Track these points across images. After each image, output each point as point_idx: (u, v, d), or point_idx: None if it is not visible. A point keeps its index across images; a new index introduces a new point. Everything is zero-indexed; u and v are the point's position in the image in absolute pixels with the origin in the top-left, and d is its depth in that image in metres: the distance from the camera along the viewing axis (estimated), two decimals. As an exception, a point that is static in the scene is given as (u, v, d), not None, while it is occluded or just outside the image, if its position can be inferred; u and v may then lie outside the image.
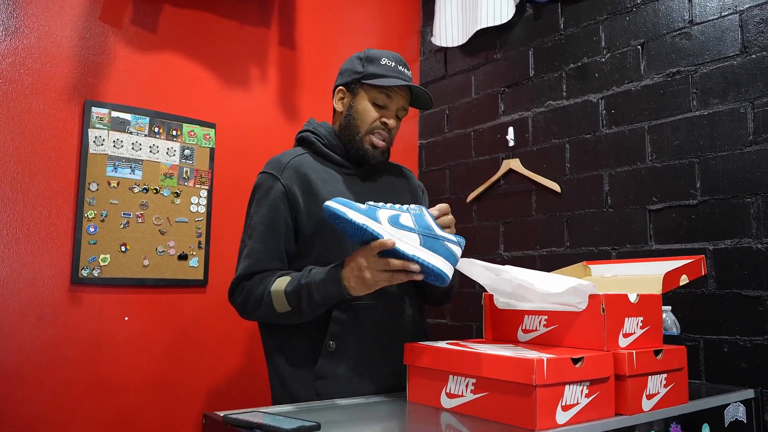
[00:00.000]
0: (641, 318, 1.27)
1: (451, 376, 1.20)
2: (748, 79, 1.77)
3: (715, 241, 1.80)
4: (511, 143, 2.41)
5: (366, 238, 1.18)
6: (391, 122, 1.48)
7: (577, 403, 1.09)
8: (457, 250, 1.21)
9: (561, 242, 2.22)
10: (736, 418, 1.47)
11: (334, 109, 1.54)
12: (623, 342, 1.22)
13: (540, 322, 1.32)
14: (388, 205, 1.22)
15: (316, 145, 1.49)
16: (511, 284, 1.32)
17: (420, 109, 1.58)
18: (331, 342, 1.36)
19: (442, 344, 1.30)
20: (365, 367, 1.38)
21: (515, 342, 1.36)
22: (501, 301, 1.42)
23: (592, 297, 1.21)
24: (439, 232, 1.20)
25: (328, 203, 1.16)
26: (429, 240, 1.19)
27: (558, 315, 1.28)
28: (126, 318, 1.96)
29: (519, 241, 2.37)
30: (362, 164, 1.51)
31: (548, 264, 2.23)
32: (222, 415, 1.05)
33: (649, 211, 1.97)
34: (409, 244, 1.17)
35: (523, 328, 1.35)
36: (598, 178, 2.12)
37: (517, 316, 1.36)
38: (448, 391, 1.20)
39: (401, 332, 1.45)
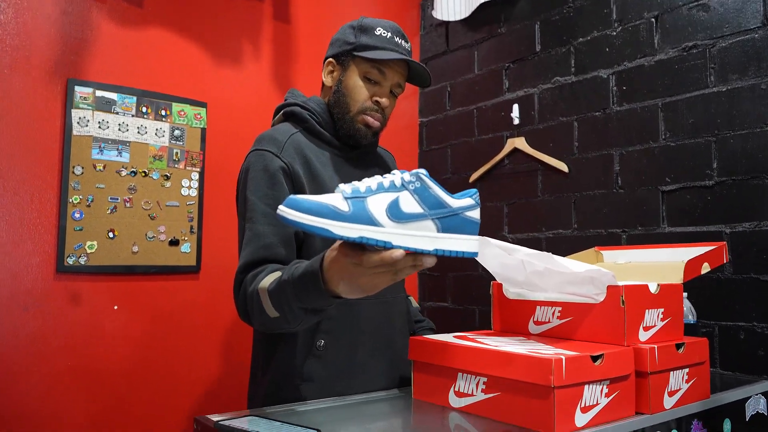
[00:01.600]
0: (662, 309, 1.19)
1: (460, 374, 1.12)
2: (770, 52, 1.67)
3: (733, 224, 1.71)
4: (516, 121, 2.32)
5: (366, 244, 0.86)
6: (384, 101, 1.32)
7: (597, 404, 1.02)
8: (476, 214, 0.92)
9: (568, 224, 2.13)
10: (757, 411, 1.40)
11: (323, 84, 1.39)
12: (643, 336, 1.14)
13: (553, 314, 1.24)
14: (374, 183, 0.89)
15: (309, 122, 1.33)
16: (524, 272, 1.24)
17: (418, 87, 1.45)
18: (320, 341, 1.23)
19: (449, 338, 1.22)
20: (356, 368, 1.27)
21: (526, 334, 1.28)
22: (511, 291, 1.34)
23: (610, 288, 1.13)
24: (453, 202, 0.90)
25: (291, 215, 0.81)
26: (447, 221, 0.89)
27: (573, 306, 1.20)
28: (115, 307, 1.87)
29: (524, 223, 2.29)
30: (354, 146, 1.37)
31: (554, 247, 2.15)
32: (214, 420, 0.97)
33: (662, 193, 1.88)
34: (424, 236, 0.88)
35: (535, 319, 1.27)
36: (608, 158, 2.03)
37: (529, 306, 1.28)
38: (457, 389, 1.12)
39: (396, 328, 1.36)
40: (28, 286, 1.74)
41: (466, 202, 0.92)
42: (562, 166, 2.15)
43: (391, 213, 0.86)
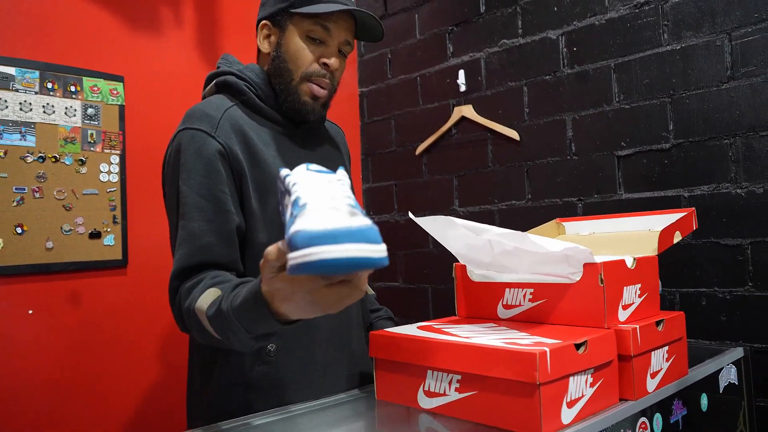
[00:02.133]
0: (639, 285, 1.11)
1: (429, 372, 1.00)
2: (725, 8, 1.60)
3: (691, 188, 1.66)
4: (463, 88, 2.20)
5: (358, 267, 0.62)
6: (333, 62, 1.14)
7: (582, 396, 0.92)
8: None
9: (522, 194, 2.05)
10: (729, 381, 1.36)
11: (259, 51, 1.21)
12: (622, 315, 1.06)
13: (524, 297, 1.13)
14: (342, 183, 0.70)
15: (247, 95, 1.15)
16: (491, 252, 1.13)
17: (369, 41, 1.28)
18: (270, 345, 1.07)
19: (413, 330, 1.10)
20: (313, 372, 1.12)
21: (496, 320, 1.17)
22: (476, 273, 1.23)
23: (587, 266, 1.04)
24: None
25: (365, 252, 0.59)
26: None
27: (546, 288, 1.10)
28: (30, 311, 1.66)
29: (475, 195, 2.19)
30: (299, 122, 1.20)
31: (509, 219, 2.06)
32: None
33: (617, 158, 1.81)
34: None
35: (504, 303, 1.17)
36: (561, 123, 1.94)
37: (497, 289, 1.18)
38: (426, 388, 1.01)
39: (353, 321, 1.23)
40: None
41: None
42: (513, 134, 2.05)
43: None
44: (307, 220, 0.61)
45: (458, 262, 1.25)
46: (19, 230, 1.64)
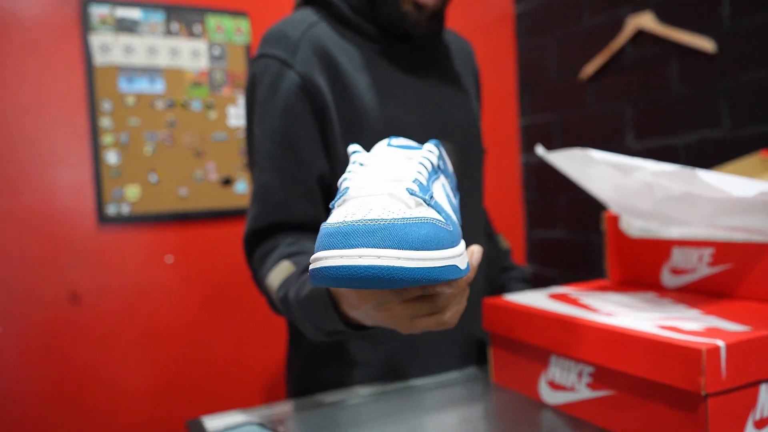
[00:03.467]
0: None
1: (553, 357, 0.75)
2: None
3: None
4: (640, -7, 1.77)
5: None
6: None
7: (783, 414, 0.62)
8: None
9: (717, 122, 1.61)
10: None
11: None
12: None
13: (701, 259, 0.82)
14: (423, 158, 0.53)
15: (335, 6, 0.92)
16: (652, 198, 0.82)
17: None
18: None
19: (542, 298, 0.85)
20: (418, 348, 0.92)
21: (659, 289, 0.88)
22: (634, 226, 0.92)
23: (801, 218, 0.70)
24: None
25: (418, 261, 0.42)
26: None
27: (732, 248, 0.78)
28: (169, 258, 1.67)
29: (655, 127, 1.78)
30: (404, 37, 0.93)
31: (698, 156, 1.65)
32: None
33: None
34: None
35: (672, 266, 0.86)
36: (775, 25, 1.47)
37: (662, 248, 0.87)
38: (550, 378, 0.76)
39: (477, 292, 0.96)
40: (69, 240, 1.57)
41: None
42: (706, 45, 1.60)
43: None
44: (337, 213, 0.46)
45: (609, 210, 0.96)
46: (153, 178, 1.64)
